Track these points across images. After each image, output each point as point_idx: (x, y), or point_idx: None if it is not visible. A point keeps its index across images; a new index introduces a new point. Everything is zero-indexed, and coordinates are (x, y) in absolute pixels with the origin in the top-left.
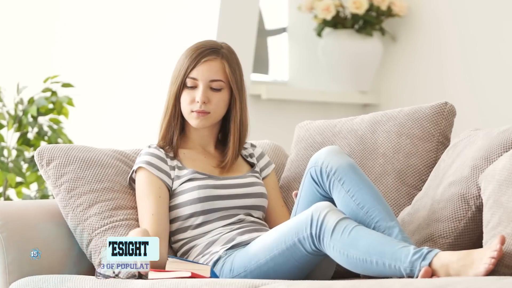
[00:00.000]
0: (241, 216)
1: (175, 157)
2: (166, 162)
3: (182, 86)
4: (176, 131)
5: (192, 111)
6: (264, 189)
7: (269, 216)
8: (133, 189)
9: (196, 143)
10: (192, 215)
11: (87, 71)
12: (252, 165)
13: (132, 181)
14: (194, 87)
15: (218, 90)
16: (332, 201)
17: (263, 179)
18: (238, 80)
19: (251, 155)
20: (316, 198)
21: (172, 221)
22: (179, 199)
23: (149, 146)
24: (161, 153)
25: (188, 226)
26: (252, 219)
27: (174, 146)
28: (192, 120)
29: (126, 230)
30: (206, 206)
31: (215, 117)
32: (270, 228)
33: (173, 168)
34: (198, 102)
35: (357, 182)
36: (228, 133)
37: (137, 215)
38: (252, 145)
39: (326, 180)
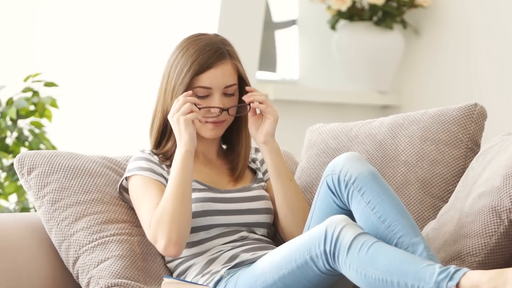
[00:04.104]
0: (244, 234)
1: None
2: (162, 167)
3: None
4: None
5: (207, 122)
6: (270, 204)
7: (278, 224)
8: (124, 199)
9: (197, 150)
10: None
11: (72, 69)
12: (255, 172)
13: (123, 189)
14: (206, 96)
15: (231, 95)
16: (350, 213)
17: (266, 181)
18: None
19: (253, 160)
20: (333, 210)
21: None
22: None
23: (142, 151)
24: (155, 159)
25: None
26: (257, 236)
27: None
28: (206, 131)
29: (117, 246)
30: (204, 222)
31: (229, 123)
32: (276, 224)
33: (169, 173)
34: (214, 112)
35: (378, 193)
36: (235, 137)
37: (130, 229)
38: (257, 150)
39: (344, 190)
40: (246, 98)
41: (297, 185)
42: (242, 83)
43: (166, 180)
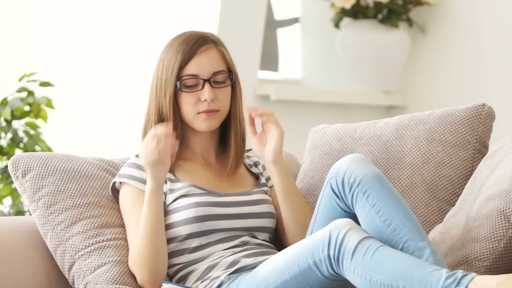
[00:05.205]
0: (245, 239)
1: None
2: None
3: (180, 87)
4: (177, 143)
5: (199, 113)
6: (272, 208)
7: (281, 228)
8: (118, 201)
9: (196, 151)
10: (188, 237)
11: (68, 69)
12: (257, 177)
13: (115, 191)
14: (194, 85)
15: (222, 82)
16: (354, 216)
17: (271, 187)
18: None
19: (256, 164)
20: (337, 213)
21: None
22: (173, 218)
23: (137, 156)
24: None
25: (184, 249)
26: (258, 241)
27: (172, 159)
28: (200, 123)
29: (114, 251)
30: (205, 227)
31: (223, 114)
32: (283, 242)
33: (164, 181)
34: (205, 100)
35: (384, 196)
36: (228, 134)
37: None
38: None
39: (349, 192)
40: (248, 109)
41: (307, 203)
42: (233, 77)
43: None
